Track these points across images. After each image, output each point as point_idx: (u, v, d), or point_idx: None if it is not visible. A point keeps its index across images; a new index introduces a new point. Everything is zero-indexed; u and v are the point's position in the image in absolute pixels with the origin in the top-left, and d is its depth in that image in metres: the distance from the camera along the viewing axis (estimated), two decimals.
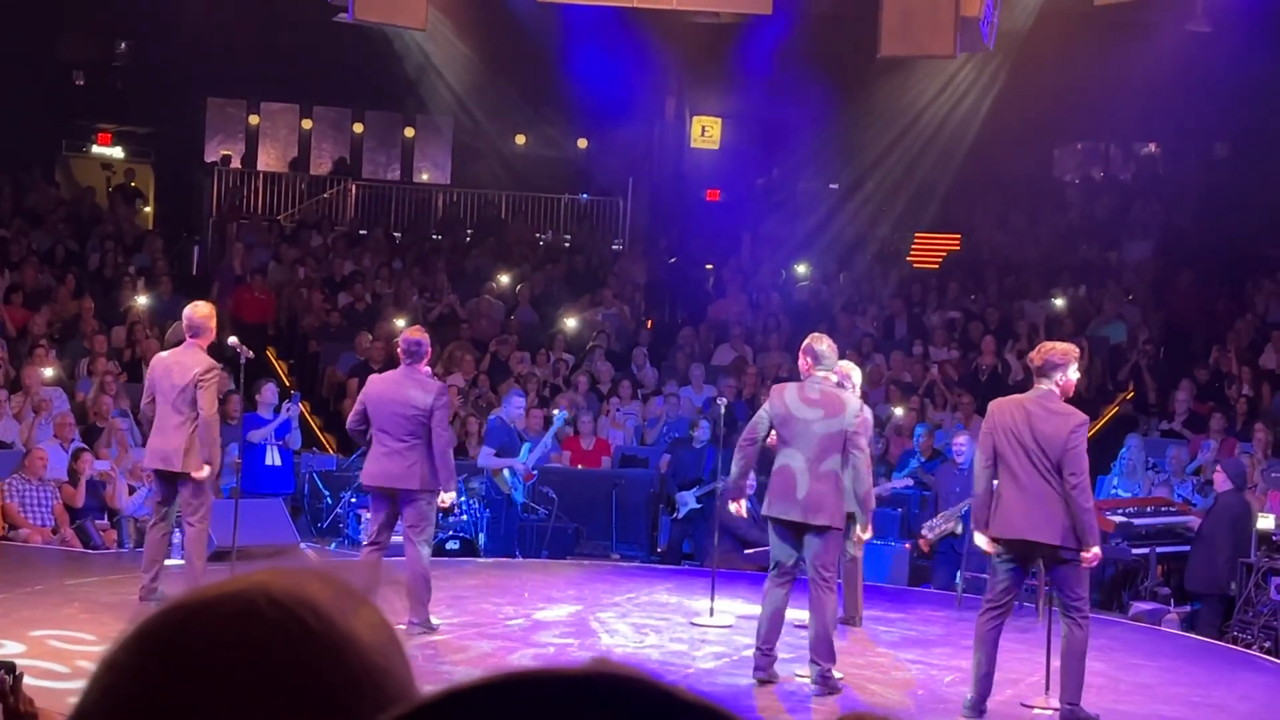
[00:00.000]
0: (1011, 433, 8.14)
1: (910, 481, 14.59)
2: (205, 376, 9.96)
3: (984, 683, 8.22)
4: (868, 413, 10.45)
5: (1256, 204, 20.83)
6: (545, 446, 14.77)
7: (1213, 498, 13.43)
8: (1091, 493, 8.14)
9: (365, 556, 10.12)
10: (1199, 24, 16.98)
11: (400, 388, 9.93)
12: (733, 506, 9.62)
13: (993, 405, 8.50)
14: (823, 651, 8.61)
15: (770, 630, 8.74)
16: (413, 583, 9.77)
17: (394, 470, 9.83)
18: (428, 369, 10.21)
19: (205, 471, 9.99)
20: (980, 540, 8.47)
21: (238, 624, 0.99)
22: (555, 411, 15.46)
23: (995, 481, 8.26)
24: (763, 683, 8.72)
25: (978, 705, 8.20)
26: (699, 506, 14.82)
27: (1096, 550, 8.05)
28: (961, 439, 13.90)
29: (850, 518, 9.03)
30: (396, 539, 10.66)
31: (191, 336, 10.23)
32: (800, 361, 9.00)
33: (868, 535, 9.71)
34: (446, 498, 10.08)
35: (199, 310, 10.37)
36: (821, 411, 8.64)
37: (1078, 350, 8.73)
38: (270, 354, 15.97)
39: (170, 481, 10.11)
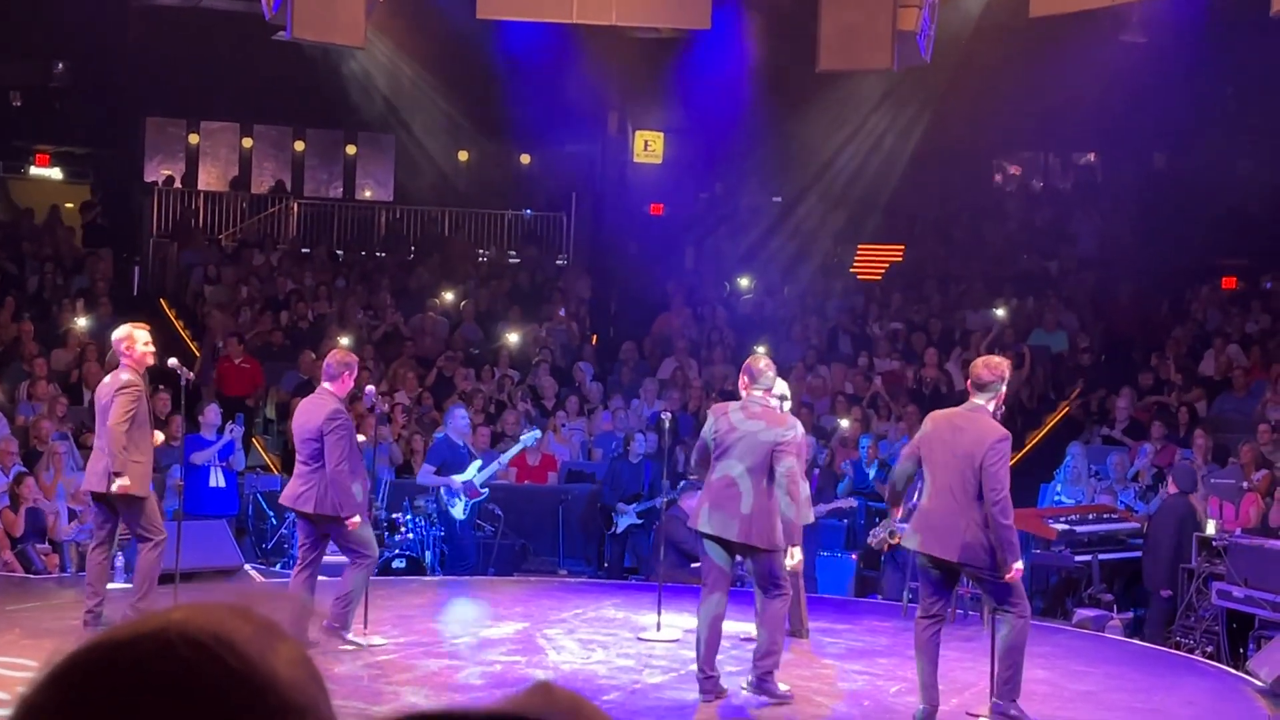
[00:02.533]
0: (938, 446, 8.24)
1: (853, 503, 14.54)
2: (123, 389, 9.90)
3: (930, 692, 8.25)
4: (800, 429, 10.43)
5: (1195, 213, 21.05)
6: (500, 465, 14.70)
7: (1157, 501, 13.56)
8: (1012, 509, 8.02)
9: (294, 581, 10.05)
10: (1134, 35, 17.14)
11: (301, 409, 10.02)
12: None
13: (928, 417, 8.65)
14: (768, 660, 8.65)
15: (710, 650, 8.72)
16: (342, 588, 9.76)
17: (291, 491, 9.95)
18: (347, 387, 10.11)
19: (119, 482, 9.83)
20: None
21: (154, 665, 0.97)
22: (527, 434, 15.34)
23: (917, 496, 8.43)
24: (709, 703, 8.72)
25: (930, 716, 8.23)
26: (639, 522, 14.80)
27: (1017, 567, 8.02)
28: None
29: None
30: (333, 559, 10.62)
31: (121, 359, 10.15)
32: (740, 380, 9.08)
33: (796, 560, 8.89)
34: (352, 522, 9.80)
35: (118, 333, 10.32)
36: (763, 424, 8.68)
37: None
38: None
39: (107, 503, 10.05)
